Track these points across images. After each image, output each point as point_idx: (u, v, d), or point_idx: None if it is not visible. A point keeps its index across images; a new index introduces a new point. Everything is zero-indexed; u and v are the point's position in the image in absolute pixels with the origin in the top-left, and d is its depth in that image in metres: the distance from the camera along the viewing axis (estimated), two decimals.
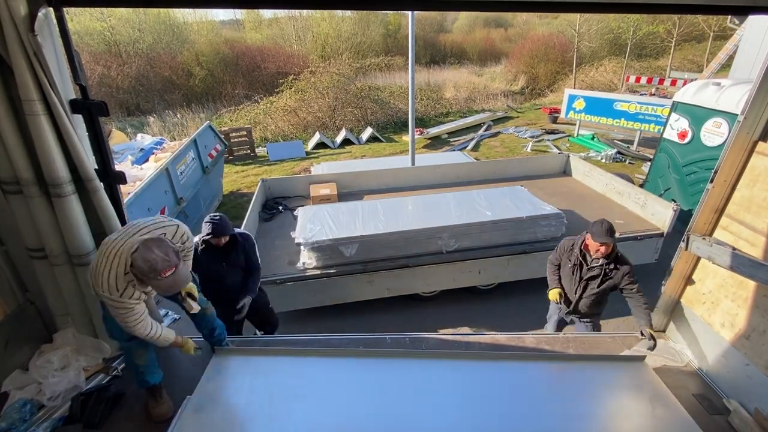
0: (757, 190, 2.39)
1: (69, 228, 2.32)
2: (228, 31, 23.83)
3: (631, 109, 10.35)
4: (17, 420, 2.20)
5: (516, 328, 3.28)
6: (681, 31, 18.36)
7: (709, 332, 2.72)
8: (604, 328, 4.26)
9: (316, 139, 12.28)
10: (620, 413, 2.37)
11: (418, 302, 4.96)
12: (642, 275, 5.01)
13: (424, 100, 16.47)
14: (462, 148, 11.43)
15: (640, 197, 5.39)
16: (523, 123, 14.18)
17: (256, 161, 11.20)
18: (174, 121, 14.56)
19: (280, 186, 6.34)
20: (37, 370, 2.46)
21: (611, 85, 18.65)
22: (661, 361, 2.91)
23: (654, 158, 7.24)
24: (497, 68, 23.57)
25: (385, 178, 6.61)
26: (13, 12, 1.86)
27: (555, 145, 11.35)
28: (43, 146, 2.13)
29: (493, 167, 7.07)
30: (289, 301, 4.35)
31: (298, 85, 14.63)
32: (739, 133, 2.42)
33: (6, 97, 2.07)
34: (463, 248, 4.58)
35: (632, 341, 3.12)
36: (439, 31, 29.10)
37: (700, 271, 2.82)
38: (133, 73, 17.29)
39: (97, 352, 2.68)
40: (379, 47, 22.68)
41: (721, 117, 5.87)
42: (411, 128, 7.55)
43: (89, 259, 2.43)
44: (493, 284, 5.04)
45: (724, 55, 11.15)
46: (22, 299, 2.60)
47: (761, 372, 2.34)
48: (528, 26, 28.81)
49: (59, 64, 2.15)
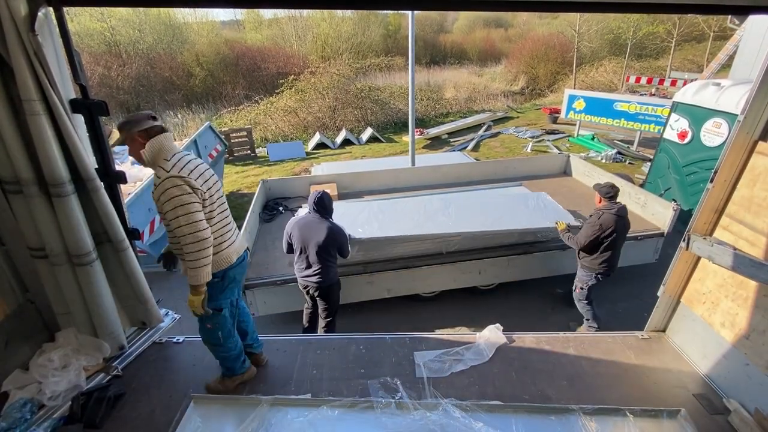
0: (757, 190, 2.39)
1: (69, 228, 2.32)
2: (228, 32, 23.83)
3: (631, 110, 10.35)
4: (18, 419, 2.20)
5: (516, 328, 3.28)
6: (681, 31, 18.35)
7: (709, 332, 2.72)
8: (604, 327, 4.27)
9: (316, 140, 12.28)
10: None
11: (418, 302, 4.95)
12: (642, 275, 5.06)
13: (424, 101, 16.46)
14: (462, 148, 11.43)
15: (640, 197, 5.39)
16: (523, 123, 14.17)
17: (256, 161, 11.21)
18: (174, 122, 14.56)
19: (280, 187, 6.34)
20: (38, 370, 2.46)
21: (611, 86, 18.64)
22: (661, 360, 2.91)
23: (654, 158, 7.24)
24: (497, 68, 23.56)
25: (385, 178, 6.61)
26: (14, 11, 1.87)
27: (555, 146, 11.35)
28: (43, 146, 2.13)
29: (494, 167, 7.07)
30: (290, 302, 4.35)
31: (298, 86, 14.63)
32: (739, 132, 2.42)
33: (6, 97, 2.08)
34: (464, 249, 4.58)
35: (632, 341, 3.12)
36: (439, 31, 29.11)
37: (700, 271, 2.82)
38: (134, 73, 17.29)
39: (98, 351, 2.68)
40: (379, 47, 22.68)
41: (721, 117, 5.86)
42: (411, 128, 7.55)
43: (89, 258, 2.44)
44: (494, 284, 5.03)
45: (724, 55, 11.15)
46: (23, 299, 2.61)
47: (761, 372, 2.34)
48: (528, 26, 28.82)
49: (59, 64, 2.16)
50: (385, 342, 3.10)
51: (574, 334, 3.27)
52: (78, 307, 2.59)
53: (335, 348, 3.06)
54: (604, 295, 4.83)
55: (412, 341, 3.10)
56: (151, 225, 5.35)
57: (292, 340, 3.17)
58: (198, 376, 2.73)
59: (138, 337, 2.99)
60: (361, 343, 3.10)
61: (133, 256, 2.70)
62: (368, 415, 2.37)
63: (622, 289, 5.01)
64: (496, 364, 2.87)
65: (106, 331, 2.68)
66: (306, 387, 2.68)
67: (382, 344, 3.08)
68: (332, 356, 2.97)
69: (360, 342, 3.11)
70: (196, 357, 2.90)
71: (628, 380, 2.75)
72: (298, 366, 2.86)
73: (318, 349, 3.03)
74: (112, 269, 2.65)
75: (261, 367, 2.84)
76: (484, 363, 2.88)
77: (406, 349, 3.02)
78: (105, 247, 2.59)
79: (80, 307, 2.59)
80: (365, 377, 2.76)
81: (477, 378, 2.75)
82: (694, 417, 2.37)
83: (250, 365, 2.73)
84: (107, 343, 2.71)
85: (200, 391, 2.60)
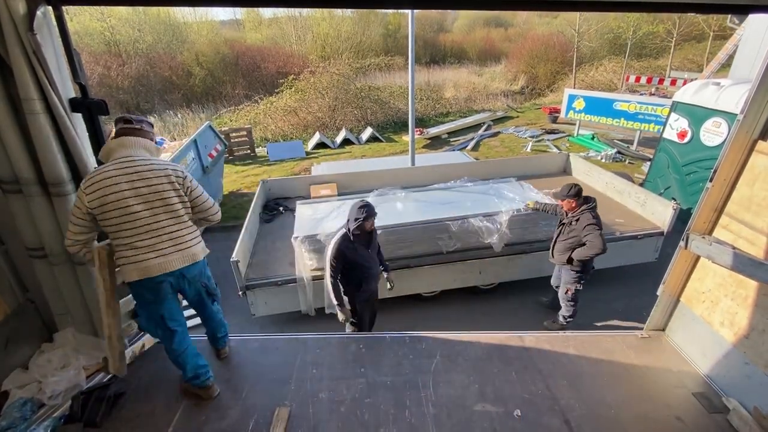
0: (757, 189, 2.39)
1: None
2: (228, 31, 23.80)
3: (630, 109, 10.35)
4: (18, 419, 2.20)
5: (516, 328, 3.28)
6: (681, 31, 18.34)
7: (709, 331, 2.72)
8: (603, 328, 4.27)
9: (316, 139, 12.28)
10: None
11: (418, 301, 4.95)
12: (642, 274, 5.06)
13: (424, 100, 16.45)
14: (462, 148, 11.43)
15: (640, 196, 5.39)
16: (523, 123, 14.17)
17: (256, 161, 11.20)
18: (174, 121, 14.56)
19: (280, 187, 6.34)
20: (38, 369, 2.46)
21: (611, 85, 18.63)
22: (661, 359, 2.91)
23: (654, 158, 7.24)
24: (497, 68, 23.52)
25: (385, 178, 6.60)
26: (12, 11, 1.87)
27: (555, 145, 11.35)
28: (43, 145, 2.13)
29: (493, 167, 7.07)
30: (290, 302, 4.35)
31: (298, 85, 14.63)
32: (738, 132, 2.42)
33: (6, 96, 2.08)
34: (464, 248, 4.58)
35: (632, 340, 3.13)
36: (439, 30, 29.07)
37: (699, 270, 2.82)
38: (133, 73, 17.28)
39: (97, 350, 2.68)
40: (379, 47, 22.65)
41: (720, 117, 5.86)
42: (411, 128, 7.55)
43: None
44: (494, 284, 5.04)
45: (724, 54, 11.13)
46: (22, 298, 2.60)
47: (761, 371, 2.34)
48: (528, 26, 28.79)
49: (58, 63, 2.15)
50: (385, 341, 3.11)
51: (574, 334, 3.27)
52: (77, 307, 2.59)
53: (335, 347, 3.06)
54: (604, 295, 4.83)
55: (412, 341, 3.10)
56: None
57: (292, 339, 3.17)
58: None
59: (138, 337, 2.98)
60: (361, 342, 3.10)
61: None
62: None
63: (621, 288, 5.01)
64: (496, 364, 2.87)
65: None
66: (305, 386, 2.68)
67: (382, 343, 3.08)
68: (332, 355, 2.97)
69: (360, 341, 3.12)
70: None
71: (627, 379, 2.75)
72: (297, 365, 2.86)
73: (318, 348, 3.04)
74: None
75: (261, 366, 2.85)
76: (484, 363, 2.88)
77: (406, 348, 3.03)
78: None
79: (80, 307, 2.59)
80: (365, 376, 2.76)
81: (477, 378, 2.75)
82: (694, 416, 2.38)
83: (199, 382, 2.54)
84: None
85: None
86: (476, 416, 2.47)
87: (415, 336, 3.16)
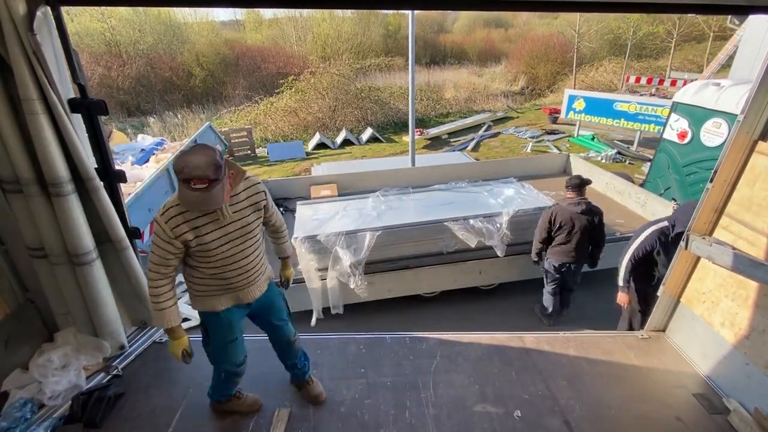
0: (757, 190, 2.39)
1: (69, 227, 2.32)
2: (228, 32, 23.83)
3: (631, 110, 10.35)
4: (18, 419, 2.20)
5: (516, 328, 3.28)
6: (681, 32, 18.34)
7: (709, 331, 2.72)
8: (602, 328, 4.26)
9: (317, 140, 12.28)
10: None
11: (418, 302, 4.95)
12: None
13: (424, 101, 16.46)
14: (462, 148, 11.43)
15: (640, 196, 5.39)
16: (523, 123, 14.17)
17: (256, 161, 11.21)
18: (174, 122, 14.57)
19: (280, 187, 6.33)
20: (38, 370, 2.46)
21: (611, 86, 18.64)
22: (661, 360, 2.91)
23: (654, 158, 7.23)
24: (497, 68, 23.53)
25: (385, 178, 6.60)
26: (12, 11, 1.87)
27: (555, 146, 11.35)
28: (42, 145, 2.13)
29: (494, 167, 7.08)
30: (290, 302, 4.34)
31: (298, 86, 14.64)
32: (738, 132, 2.42)
33: (5, 96, 2.08)
34: (464, 249, 4.58)
35: (632, 341, 3.12)
36: (439, 31, 29.10)
37: (700, 271, 2.82)
38: (134, 73, 17.30)
39: (98, 351, 2.68)
40: (379, 48, 22.67)
41: (720, 117, 5.86)
42: (411, 128, 7.55)
43: (89, 258, 2.43)
44: (494, 284, 5.04)
45: (724, 55, 11.14)
46: (23, 298, 2.61)
47: (761, 371, 2.34)
48: (528, 26, 28.80)
49: (58, 64, 2.16)
50: (385, 342, 3.10)
51: (574, 334, 3.27)
52: (78, 307, 2.59)
53: (335, 347, 3.06)
54: (604, 295, 4.82)
55: (412, 341, 3.10)
56: (151, 225, 5.35)
57: None
58: (198, 376, 2.73)
59: (138, 337, 2.98)
60: (361, 342, 3.10)
61: (133, 256, 2.70)
62: None
63: None
64: (496, 364, 2.87)
65: (107, 330, 2.68)
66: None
67: (382, 344, 3.08)
68: (332, 356, 2.97)
69: (360, 342, 3.11)
70: (196, 357, 2.89)
71: (627, 380, 2.75)
72: None
73: (317, 348, 3.03)
74: (112, 268, 2.64)
75: (261, 367, 2.83)
76: (484, 363, 2.88)
77: (406, 349, 3.02)
78: (105, 246, 2.58)
79: (80, 307, 2.59)
80: (365, 377, 2.76)
81: (477, 378, 2.75)
82: (694, 416, 2.37)
83: (236, 398, 2.49)
84: (107, 343, 2.70)
85: (200, 391, 2.59)
86: (476, 417, 2.46)
87: (416, 336, 3.15)
